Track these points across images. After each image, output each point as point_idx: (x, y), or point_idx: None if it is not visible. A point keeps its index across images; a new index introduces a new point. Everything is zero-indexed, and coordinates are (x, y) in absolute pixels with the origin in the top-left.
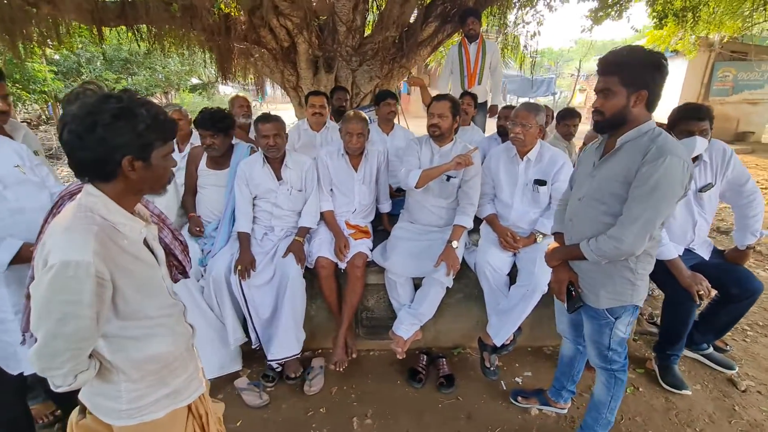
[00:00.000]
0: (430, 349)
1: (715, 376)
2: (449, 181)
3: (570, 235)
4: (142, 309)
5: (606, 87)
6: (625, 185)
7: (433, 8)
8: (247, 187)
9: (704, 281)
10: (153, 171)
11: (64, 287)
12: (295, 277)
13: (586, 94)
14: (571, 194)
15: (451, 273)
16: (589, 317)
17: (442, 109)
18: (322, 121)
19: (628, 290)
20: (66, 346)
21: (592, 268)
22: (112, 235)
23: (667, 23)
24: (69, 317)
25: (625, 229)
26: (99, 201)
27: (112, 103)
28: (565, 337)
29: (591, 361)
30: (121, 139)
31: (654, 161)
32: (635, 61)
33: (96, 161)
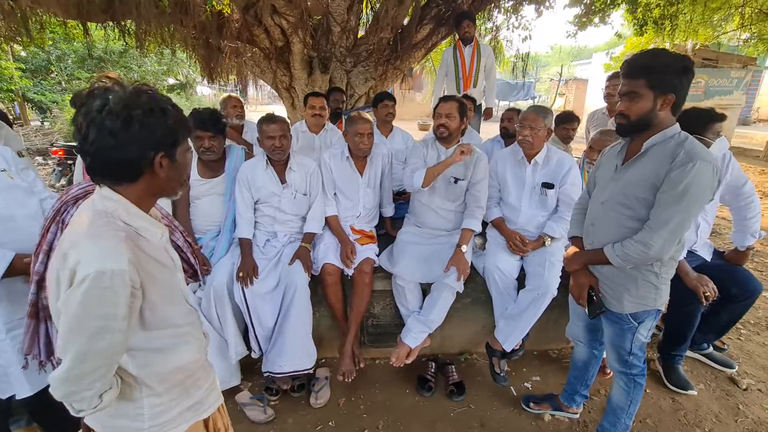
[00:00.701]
0: (437, 356)
1: (716, 376)
2: (457, 183)
3: (591, 239)
4: (168, 317)
5: (632, 90)
6: (652, 190)
7: (427, 10)
8: (249, 191)
9: (710, 282)
10: (177, 168)
11: (100, 299)
12: (303, 285)
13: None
14: (592, 198)
15: (461, 278)
16: (611, 322)
17: (450, 110)
18: (321, 123)
19: (652, 294)
20: (97, 364)
21: (615, 272)
22: (136, 240)
23: (647, 30)
24: (103, 332)
25: (653, 234)
26: (119, 205)
27: (144, 97)
28: (578, 341)
29: (610, 366)
30: (156, 135)
31: (683, 166)
32: (663, 64)
33: (129, 160)
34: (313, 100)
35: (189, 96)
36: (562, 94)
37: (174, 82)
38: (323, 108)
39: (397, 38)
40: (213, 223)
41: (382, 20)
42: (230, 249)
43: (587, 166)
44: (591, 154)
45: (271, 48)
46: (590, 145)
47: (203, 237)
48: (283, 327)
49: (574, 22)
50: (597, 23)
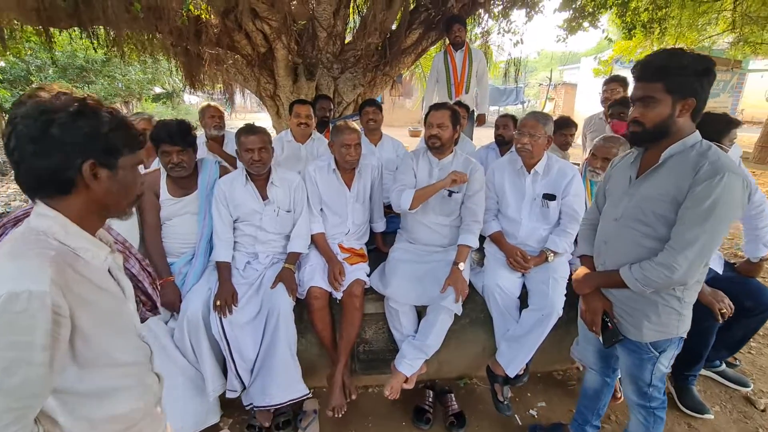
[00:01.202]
0: (434, 383)
1: (731, 395)
2: (451, 196)
3: (604, 259)
4: (107, 352)
5: (647, 95)
6: (673, 205)
7: (416, 15)
8: (227, 209)
9: (725, 298)
10: (120, 183)
11: (12, 325)
12: (287, 310)
13: (555, 102)
14: (604, 213)
15: (460, 299)
16: (629, 351)
17: (442, 119)
18: (308, 133)
19: (675, 321)
20: (8, 405)
21: (633, 296)
22: (71, 261)
23: (635, 34)
24: (16, 365)
25: (678, 256)
26: (54, 222)
27: (70, 99)
28: (590, 368)
29: (627, 398)
30: (82, 140)
31: (710, 179)
32: (682, 65)
33: (51, 168)
34: (298, 108)
35: (176, 105)
36: (551, 98)
37: (160, 91)
38: (309, 116)
39: (386, 43)
40: (188, 244)
41: (370, 25)
42: (205, 274)
43: (590, 174)
44: (593, 161)
45: (254, 54)
46: (593, 152)
47: (177, 261)
48: (268, 357)
49: (564, 27)
50: (586, 27)
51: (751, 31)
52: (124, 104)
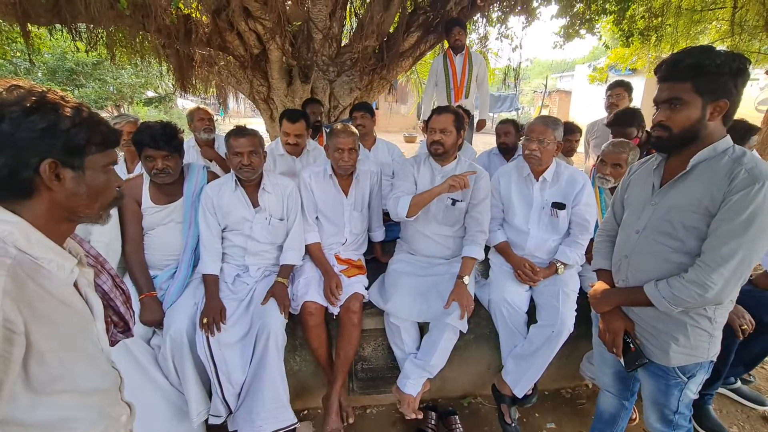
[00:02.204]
0: (436, 402)
1: (747, 414)
2: (455, 205)
3: (625, 275)
4: (68, 377)
5: (675, 96)
6: (705, 216)
7: (414, 17)
8: (215, 217)
9: (746, 314)
10: (88, 185)
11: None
12: (278, 330)
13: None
14: (623, 225)
15: (465, 315)
16: (654, 376)
17: (445, 124)
18: (297, 152)
19: (705, 344)
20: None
21: (658, 316)
22: (32, 272)
23: (633, 42)
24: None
25: (712, 273)
26: (16, 229)
27: (25, 93)
28: (606, 390)
29: (648, 424)
30: (37, 136)
31: (747, 188)
32: (716, 64)
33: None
34: (286, 126)
35: (168, 109)
36: (546, 105)
37: (152, 95)
38: (300, 135)
39: (383, 46)
40: (172, 256)
41: (367, 27)
42: (189, 287)
43: (599, 181)
44: (603, 168)
45: (247, 56)
46: (601, 158)
47: (160, 275)
48: (256, 381)
49: (560, 33)
50: (583, 34)
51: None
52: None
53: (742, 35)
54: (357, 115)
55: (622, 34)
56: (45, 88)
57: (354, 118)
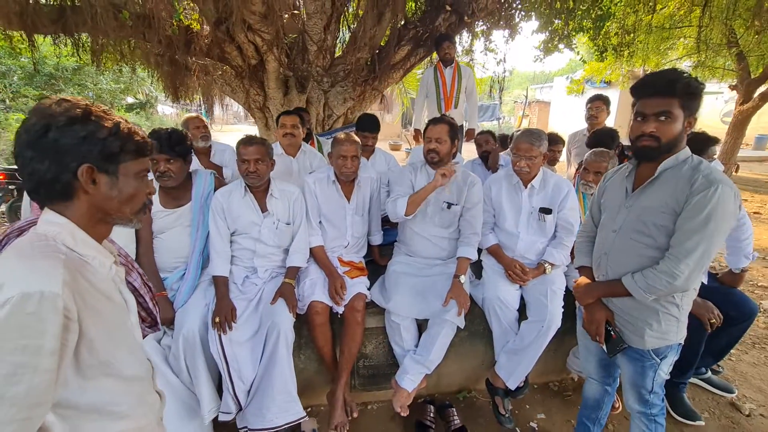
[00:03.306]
0: (434, 396)
1: (717, 401)
2: (450, 208)
3: (605, 270)
4: (112, 364)
5: (667, 109)
6: (672, 216)
7: (405, 32)
8: (224, 222)
9: (714, 309)
10: (121, 189)
11: (21, 328)
12: (288, 327)
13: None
14: (602, 225)
15: (462, 312)
16: (632, 360)
17: (440, 133)
18: (296, 144)
19: (674, 328)
20: (11, 415)
21: (634, 305)
22: (79, 266)
23: (607, 56)
24: (23, 371)
25: (679, 264)
26: (63, 229)
27: (70, 106)
28: (591, 378)
29: (628, 407)
30: (77, 143)
31: (705, 190)
32: (697, 85)
33: (48, 173)
34: (284, 118)
35: (150, 115)
36: (526, 115)
37: (133, 101)
38: (295, 126)
39: (375, 59)
40: (180, 259)
41: (360, 40)
42: (199, 289)
43: (582, 187)
44: (586, 175)
45: (244, 66)
46: (584, 166)
47: (169, 277)
48: (267, 377)
49: (540, 47)
50: (561, 49)
51: (708, 57)
52: None
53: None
54: (369, 136)
55: (597, 49)
56: (89, 102)
57: (365, 137)
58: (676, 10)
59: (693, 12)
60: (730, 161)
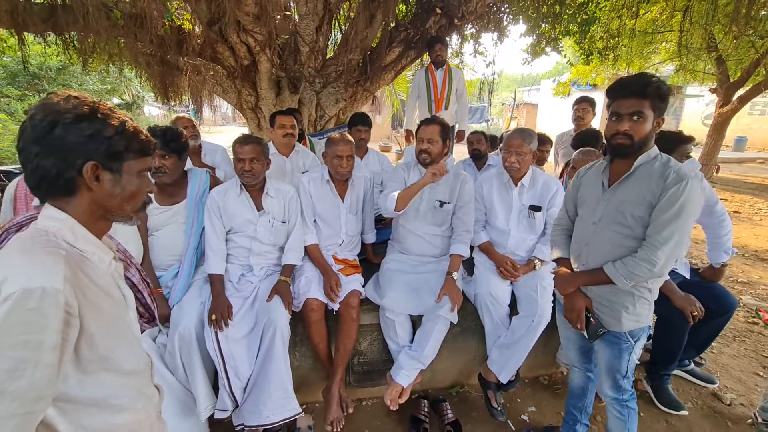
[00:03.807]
0: (427, 392)
1: (700, 392)
2: (443, 207)
3: (585, 260)
4: (112, 359)
5: (639, 110)
6: (648, 208)
7: (396, 34)
8: (220, 220)
9: (697, 302)
10: (124, 187)
11: (23, 323)
12: (284, 324)
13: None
14: (580, 218)
15: (455, 307)
16: (609, 343)
17: (432, 134)
18: (291, 144)
19: (646, 310)
20: (13, 410)
21: (612, 291)
22: (80, 263)
23: (592, 60)
24: (25, 366)
25: (657, 251)
26: (64, 225)
27: (78, 103)
28: (574, 366)
29: (602, 395)
30: (84, 141)
31: (677, 184)
32: (665, 88)
33: (53, 168)
34: (282, 119)
35: (136, 116)
36: (514, 117)
37: (119, 102)
38: (294, 126)
39: (367, 60)
40: (175, 256)
41: (352, 41)
42: (194, 287)
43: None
44: (574, 173)
45: (237, 66)
46: (572, 165)
47: (164, 274)
48: (263, 373)
49: (528, 50)
50: (548, 52)
51: (689, 61)
52: None
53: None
54: (362, 129)
55: (583, 53)
56: (96, 100)
57: (357, 131)
58: (658, 15)
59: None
60: (710, 162)
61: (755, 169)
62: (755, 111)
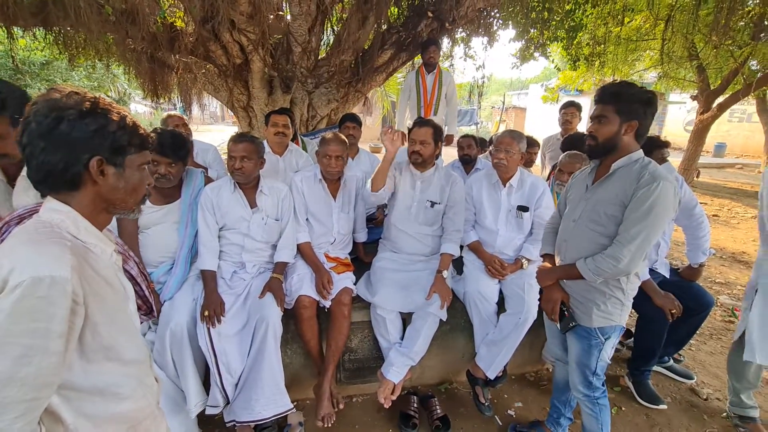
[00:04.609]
0: (416, 388)
1: (678, 387)
2: (433, 207)
3: (564, 256)
4: (114, 348)
5: (602, 114)
6: (621, 207)
7: (388, 36)
8: (213, 217)
9: (675, 300)
10: (127, 181)
11: (32, 311)
12: (276, 321)
13: (506, 124)
14: (564, 216)
15: (445, 305)
16: (580, 338)
17: (424, 136)
18: (285, 143)
19: (618, 310)
20: (21, 396)
21: (586, 288)
22: (84, 254)
23: (579, 66)
24: (33, 353)
25: (623, 248)
26: (67, 217)
27: (81, 99)
28: (557, 360)
29: (574, 391)
30: (90, 137)
31: (648, 185)
32: (630, 93)
33: (60, 164)
34: (275, 117)
35: None
36: (503, 120)
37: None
38: (287, 126)
39: (359, 61)
40: (166, 255)
41: (344, 42)
42: (186, 284)
43: (557, 187)
44: (561, 176)
45: (229, 65)
46: (560, 167)
47: (155, 271)
48: (255, 369)
49: (517, 55)
50: (536, 57)
51: (671, 68)
52: None
53: (670, 64)
54: (349, 126)
55: (570, 59)
56: (97, 95)
57: (346, 127)
58: (642, 23)
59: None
60: (691, 167)
61: (734, 175)
62: (734, 118)
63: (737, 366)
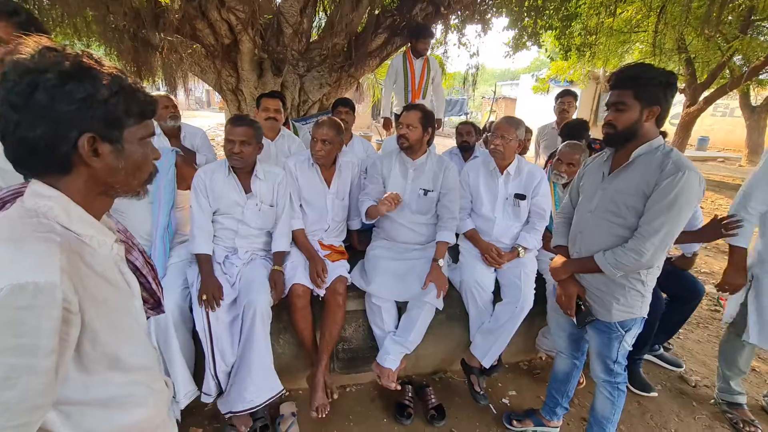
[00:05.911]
0: (411, 378)
1: (668, 375)
2: (427, 195)
3: (579, 247)
4: (116, 355)
5: (620, 100)
6: (642, 198)
7: (382, 20)
8: (207, 200)
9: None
10: (127, 159)
11: (12, 326)
12: (264, 304)
13: (496, 114)
14: (579, 206)
15: (441, 294)
16: (599, 331)
17: (412, 120)
18: (276, 128)
19: (639, 302)
20: (4, 422)
21: (603, 281)
22: (78, 248)
23: (571, 56)
24: (17, 374)
25: (645, 242)
26: (56, 204)
27: (61, 58)
28: (560, 352)
29: (594, 376)
30: (75, 107)
31: (673, 175)
32: (650, 76)
33: (40, 142)
34: (266, 101)
35: None
36: (493, 111)
37: None
38: (278, 111)
39: (352, 45)
40: (141, 237)
41: (337, 25)
42: (170, 269)
43: (554, 177)
44: (559, 166)
45: (217, 45)
46: (558, 157)
47: None
48: (245, 356)
49: (509, 44)
50: (529, 46)
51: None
52: None
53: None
54: (342, 110)
55: (562, 49)
56: (79, 51)
57: (339, 112)
58: (634, 14)
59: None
60: None
61: (716, 168)
62: (717, 113)
63: (729, 353)
